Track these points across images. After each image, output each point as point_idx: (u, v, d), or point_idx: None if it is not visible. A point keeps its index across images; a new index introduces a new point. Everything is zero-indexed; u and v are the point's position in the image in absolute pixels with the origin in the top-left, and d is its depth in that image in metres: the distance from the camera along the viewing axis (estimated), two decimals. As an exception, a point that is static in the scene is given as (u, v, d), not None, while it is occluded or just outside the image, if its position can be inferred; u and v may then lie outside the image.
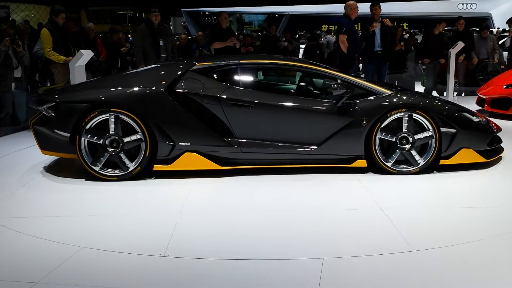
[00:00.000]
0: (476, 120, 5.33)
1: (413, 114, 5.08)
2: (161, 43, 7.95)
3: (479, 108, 8.65)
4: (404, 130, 5.11)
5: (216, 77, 5.33)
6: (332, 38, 15.48)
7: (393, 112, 5.07)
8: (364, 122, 5.06)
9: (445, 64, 10.32)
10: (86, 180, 5.14)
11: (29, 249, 3.57)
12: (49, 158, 5.90)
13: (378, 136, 5.09)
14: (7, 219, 4.15)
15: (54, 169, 5.58)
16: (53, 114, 5.13)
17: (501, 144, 5.65)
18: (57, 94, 5.32)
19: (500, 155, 5.62)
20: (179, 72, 5.26)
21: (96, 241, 3.67)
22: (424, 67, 11.08)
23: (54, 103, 5.14)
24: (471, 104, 8.50)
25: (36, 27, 14.83)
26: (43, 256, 3.45)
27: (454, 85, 10.36)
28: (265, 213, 4.22)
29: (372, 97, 5.22)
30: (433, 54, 10.53)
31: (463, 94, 11.27)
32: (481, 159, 5.28)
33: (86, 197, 4.72)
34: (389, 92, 5.29)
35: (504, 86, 8.43)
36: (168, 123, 5.04)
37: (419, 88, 11.06)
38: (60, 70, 7.65)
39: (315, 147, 5.13)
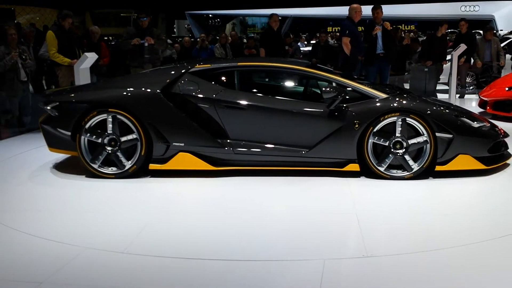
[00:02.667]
0: (476, 125, 5.16)
1: (407, 119, 4.99)
2: (146, 44, 8.28)
3: (482, 110, 8.66)
4: (397, 134, 5.02)
5: (212, 79, 5.42)
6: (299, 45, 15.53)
7: (386, 116, 5.00)
8: (357, 125, 5.00)
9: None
10: (86, 177, 5.31)
11: (32, 249, 3.62)
12: (55, 159, 5.99)
13: (370, 140, 5.03)
14: (8, 214, 4.32)
15: (58, 167, 5.74)
16: (56, 114, 5.35)
17: (508, 151, 5.50)
18: (60, 95, 5.56)
19: (506, 161, 5.43)
20: (177, 74, 5.38)
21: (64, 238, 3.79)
22: (426, 69, 11.12)
23: (57, 103, 5.35)
24: (473, 107, 8.53)
25: (42, 30, 14.92)
26: (47, 256, 3.50)
27: (457, 87, 10.36)
28: (243, 214, 4.26)
29: (365, 101, 5.16)
30: (435, 56, 10.56)
31: (465, 96, 11.29)
32: (480, 166, 5.10)
33: (81, 194, 4.90)
34: (384, 95, 5.20)
35: (507, 88, 8.43)
36: (163, 124, 5.16)
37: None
38: (64, 72, 7.73)
39: (307, 149, 5.13)
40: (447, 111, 5.20)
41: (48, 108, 5.38)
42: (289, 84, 6.10)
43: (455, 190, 4.85)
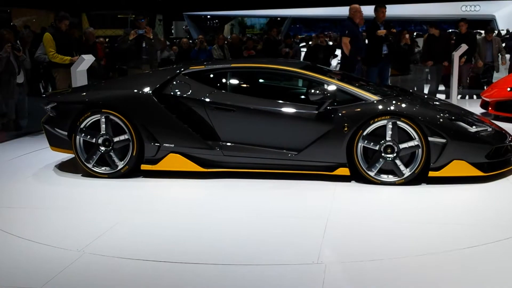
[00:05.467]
0: (473, 129, 4.94)
1: (398, 122, 4.82)
2: (144, 44, 8.30)
3: (483, 111, 8.59)
4: (388, 138, 4.86)
5: (204, 81, 5.43)
6: None
7: (375, 120, 4.85)
8: (346, 129, 4.87)
9: (449, 66, 10.27)
10: (82, 176, 5.42)
11: (28, 253, 3.59)
12: (50, 162, 5.99)
13: (360, 144, 4.88)
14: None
15: (54, 168, 5.81)
16: (54, 114, 5.49)
17: None
18: (58, 95, 5.74)
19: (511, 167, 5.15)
20: (170, 76, 5.43)
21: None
22: (427, 69, 11.07)
23: (55, 104, 5.51)
24: (475, 107, 8.45)
25: (39, 31, 14.85)
26: (43, 260, 3.46)
27: (458, 88, 10.30)
28: (218, 216, 4.25)
29: (355, 103, 5.03)
30: (437, 56, 10.50)
31: (467, 96, 11.24)
32: (477, 172, 4.85)
33: (77, 194, 5.00)
34: (375, 98, 5.06)
35: (508, 89, 8.36)
36: (154, 125, 5.21)
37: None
38: (62, 75, 7.69)
39: (297, 152, 5.04)
40: (441, 114, 5.00)
41: (48, 108, 5.54)
42: (281, 85, 6.02)
43: (445, 197, 4.63)
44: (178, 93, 5.30)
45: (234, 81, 5.53)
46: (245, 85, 5.72)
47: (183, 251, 3.55)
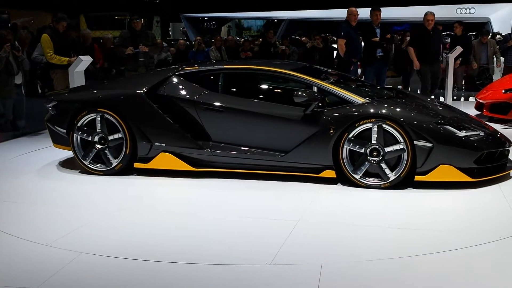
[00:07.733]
0: (462, 133, 4.85)
1: (383, 125, 4.80)
2: (140, 51, 8.43)
3: (478, 112, 8.66)
4: (373, 141, 4.82)
5: (197, 82, 5.51)
6: None
7: (361, 122, 4.83)
8: (332, 131, 4.87)
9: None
10: (79, 172, 5.59)
11: (27, 253, 3.60)
12: (50, 160, 6.06)
13: (346, 147, 4.87)
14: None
15: (54, 167, 5.88)
16: (55, 112, 5.64)
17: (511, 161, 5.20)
18: (59, 94, 5.88)
19: (508, 172, 5.09)
20: (164, 76, 5.53)
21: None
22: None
23: (55, 102, 5.68)
24: (470, 109, 8.52)
25: (36, 33, 14.83)
26: (40, 260, 3.48)
27: (453, 90, 10.38)
28: (196, 215, 4.31)
29: (342, 106, 5.02)
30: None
31: (462, 98, 11.31)
32: (465, 177, 4.76)
33: (75, 191, 5.12)
34: (363, 100, 5.05)
35: (503, 91, 8.43)
36: (146, 124, 5.32)
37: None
38: (60, 76, 7.71)
39: (284, 154, 5.06)
40: (429, 118, 4.94)
41: (49, 107, 5.71)
42: (272, 87, 6.05)
43: (429, 202, 4.55)
44: (171, 93, 5.42)
45: (225, 82, 5.57)
46: (236, 87, 5.74)
47: (158, 250, 3.59)
